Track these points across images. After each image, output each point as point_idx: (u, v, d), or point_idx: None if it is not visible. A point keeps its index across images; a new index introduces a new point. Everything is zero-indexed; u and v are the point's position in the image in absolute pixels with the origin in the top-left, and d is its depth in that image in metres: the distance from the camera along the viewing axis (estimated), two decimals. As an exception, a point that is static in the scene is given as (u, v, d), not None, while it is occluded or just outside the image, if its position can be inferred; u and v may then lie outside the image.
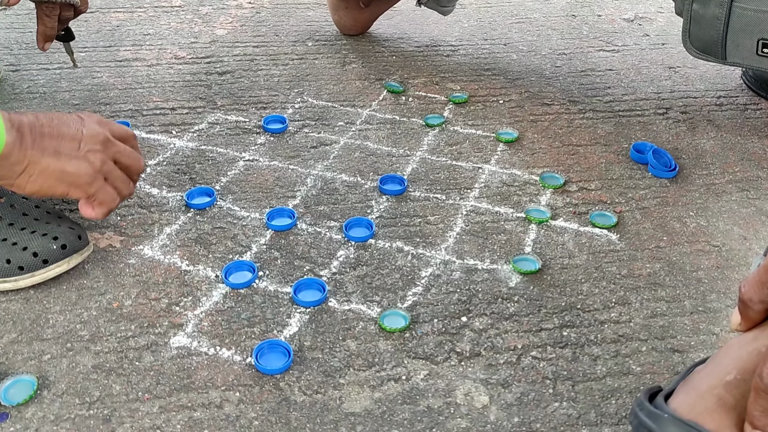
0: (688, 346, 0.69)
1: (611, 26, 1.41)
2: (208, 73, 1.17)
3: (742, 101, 1.14)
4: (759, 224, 0.86)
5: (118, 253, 0.78)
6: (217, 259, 0.78)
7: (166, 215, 0.84)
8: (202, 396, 0.62)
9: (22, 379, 0.62)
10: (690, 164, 0.97)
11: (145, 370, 0.65)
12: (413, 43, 1.32)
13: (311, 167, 0.94)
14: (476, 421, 0.61)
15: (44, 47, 0.98)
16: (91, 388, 0.63)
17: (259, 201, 0.87)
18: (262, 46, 1.27)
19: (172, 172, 0.92)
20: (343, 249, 0.80)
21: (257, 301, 0.73)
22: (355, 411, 0.62)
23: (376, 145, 0.99)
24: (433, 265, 0.78)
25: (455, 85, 1.16)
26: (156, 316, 0.70)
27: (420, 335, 0.69)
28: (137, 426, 0.59)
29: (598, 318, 0.72)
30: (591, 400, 0.63)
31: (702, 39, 0.97)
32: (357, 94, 1.12)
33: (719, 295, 0.75)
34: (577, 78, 1.20)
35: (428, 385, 0.64)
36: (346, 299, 0.73)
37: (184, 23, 1.36)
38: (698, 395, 0.46)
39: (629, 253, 0.80)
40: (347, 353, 0.67)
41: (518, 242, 0.81)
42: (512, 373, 0.65)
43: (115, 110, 1.05)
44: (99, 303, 0.72)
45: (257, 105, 1.08)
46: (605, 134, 1.03)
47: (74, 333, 0.68)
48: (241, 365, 0.65)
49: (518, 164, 0.96)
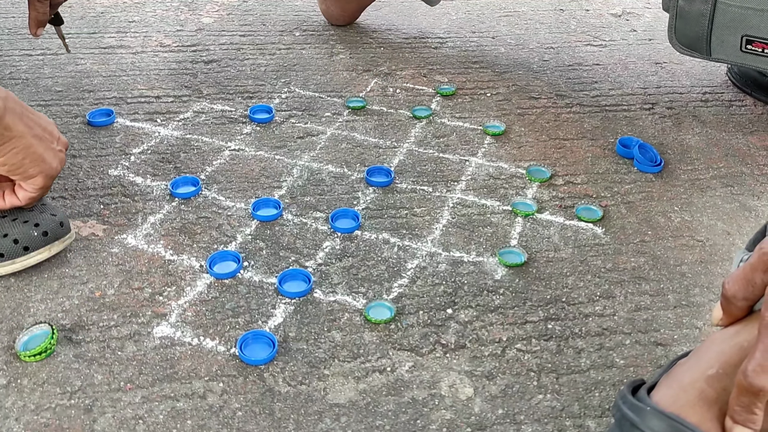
0: (671, 339, 0.69)
1: (599, 21, 1.42)
2: (194, 62, 1.16)
3: (727, 98, 1.14)
4: (742, 219, 0.86)
5: (101, 242, 0.77)
6: (202, 248, 0.77)
7: (150, 204, 0.83)
8: (186, 386, 0.62)
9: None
10: (675, 159, 0.98)
11: (127, 359, 0.64)
12: (401, 34, 1.31)
13: (297, 158, 0.93)
14: (461, 412, 0.61)
15: (37, 33, 0.97)
16: (72, 378, 0.62)
17: (244, 191, 0.87)
18: (248, 35, 1.26)
19: (156, 161, 0.91)
20: (329, 240, 0.80)
21: (242, 291, 0.72)
22: (340, 402, 0.61)
23: (363, 137, 0.99)
24: (419, 257, 0.78)
25: (443, 77, 1.16)
26: (139, 306, 0.70)
27: (405, 327, 0.69)
28: (119, 416, 0.59)
29: (582, 311, 0.72)
30: (575, 393, 0.63)
31: (687, 35, 0.98)
32: (344, 84, 1.12)
33: (702, 289, 0.75)
34: (565, 72, 1.20)
35: (413, 376, 0.64)
36: (332, 290, 0.73)
37: (170, 11, 1.34)
38: (681, 388, 0.47)
39: (614, 246, 0.81)
40: (332, 344, 0.67)
41: (504, 235, 0.82)
42: (497, 365, 0.66)
43: (99, 98, 1.04)
44: (81, 292, 0.71)
45: (243, 94, 1.07)
46: (592, 128, 1.04)
47: (56, 322, 0.67)
48: (225, 356, 0.65)
49: (505, 157, 0.96)
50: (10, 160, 0.66)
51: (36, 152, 0.67)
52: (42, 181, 0.69)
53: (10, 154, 0.66)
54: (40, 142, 0.68)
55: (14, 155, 0.66)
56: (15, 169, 0.67)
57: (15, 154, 0.66)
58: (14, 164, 0.67)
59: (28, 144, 0.66)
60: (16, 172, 0.68)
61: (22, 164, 0.67)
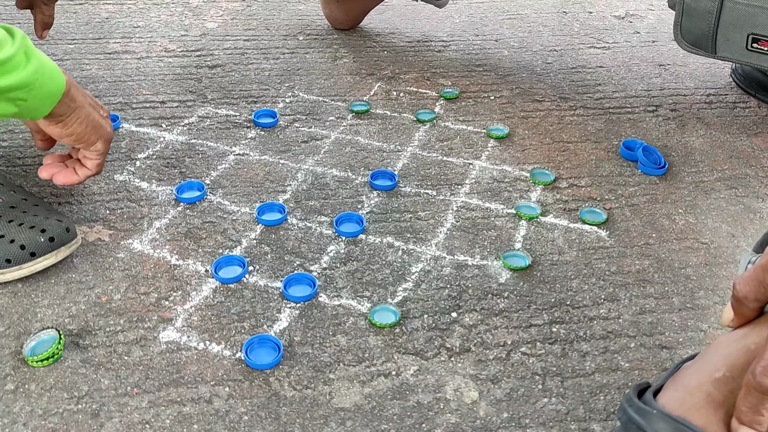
0: (676, 342, 0.69)
1: (602, 23, 1.42)
2: (199, 67, 1.16)
3: (731, 99, 1.14)
4: (747, 222, 0.86)
5: (107, 247, 0.77)
6: (207, 253, 0.77)
7: (156, 209, 0.84)
8: (192, 391, 0.62)
9: None
10: (679, 162, 0.97)
11: (134, 364, 0.64)
12: (404, 38, 1.31)
13: (302, 162, 0.94)
14: (465, 416, 0.61)
15: (43, 35, 1.00)
16: (79, 383, 0.62)
17: (249, 195, 0.87)
18: (252, 40, 1.27)
19: (161, 166, 0.91)
20: (333, 244, 0.80)
21: (247, 295, 0.72)
22: (345, 406, 0.62)
23: (367, 140, 0.99)
24: (423, 261, 0.78)
25: (446, 80, 1.16)
26: (145, 311, 0.70)
27: (410, 331, 0.69)
28: (126, 421, 0.59)
29: (587, 314, 0.72)
30: (580, 396, 0.63)
31: (693, 32, 0.98)
32: (348, 88, 1.12)
33: (707, 291, 0.75)
34: (568, 75, 1.20)
35: (418, 380, 0.64)
36: (337, 294, 0.73)
37: (175, 16, 1.35)
38: (687, 391, 0.47)
39: (618, 249, 0.81)
40: (337, 348, 0.67)
41: (508, 238, 0.82)
42: (502, 369, 0.66)
43: (105, 103, 1.04)
44: (88, 297, 0.71)
45: (248, 99, 1.08)
46: (595, 131, 1.04)
47: (63, 327, 0.67)
48: (230, 360, 0.65)
49: (509, 160, 0.96)
50: (76, 130, 0.72)
51: (95, 120, 0.73)
52: (102, 145, 0.75)
53: (76, 124, 0.72)
54: (94, 111, 0.74)
55: (79, 125, 0.72)
56: (81, 137, 0.73)
57: (80, 123, 0.72)
58: (80, 133, 0.72)
59: (87, 113, 0.72)
60: (81, 140, 0.73)
61: (86, 132, 0.73)
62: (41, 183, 0.86)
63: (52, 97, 0.67)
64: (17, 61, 0.63)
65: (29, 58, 0.64)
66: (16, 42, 0.63)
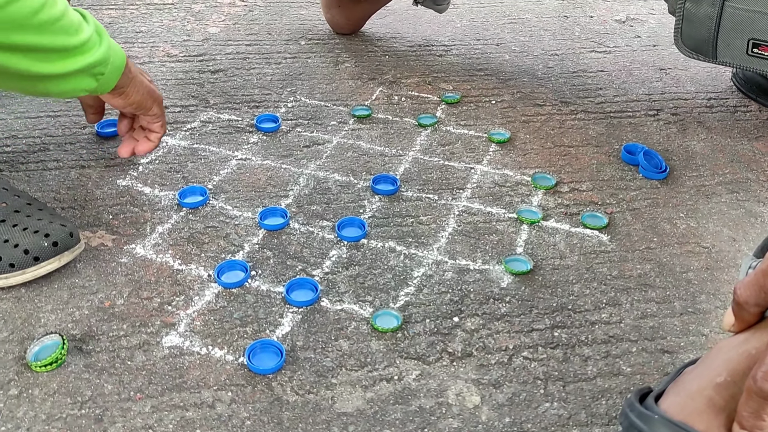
0: (677, 347, 0.69)
1: (603, 27, 1.42)
2: (201, 72, 1.16)
3: (732, 103, 1.15)
4: (748, 226, 0.87)
5: (110, 252, 0.78)
6: (210, 258, 0.78)
7: (159, 214, 0.84)
8: (195, 395, 0.62)
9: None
10: (680, 166, 0.98)
11: (137, 369, 0.64)
12: (406, 42, 1.32)
13: (304, 166, 0.94)
14: (468, 421, 0.61)
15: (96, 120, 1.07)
16: (82, 388, 0.62)
17: (251, 200, 0.87)
18: (254, 45, 1.27)
19: (164, 171, 0.92)
20: (335, 249, 0.80)
21: (250, 300, 0.73)
22: (347, 411, 0.62)
23: (368, 145, 0.99)
24: (425, 266, 0.78)
25: (448, 85, 1.16)
26: (148, 316, 0.70)
27: (412, 335, 0.69)
28: (129, 425, 0.59)
29: (588, 319, 0.72)
30: (581, 401, 0.63)
31: (694, 38, 0.98)
32: (350, 93, 1.12)
33: (709, 296, 0.76)
34: (569, 79, 1.20)
35: (420, 385, 0.64)
36: (339, 299, 0.73)
37: (177, 21, 1.35)
38: (688, 396, 0.47)
39: (620, 254, 0.81)
40: (339, 353, 0.67)
41: (510, 243, 0.82)
42: (504, 374, 0.66)
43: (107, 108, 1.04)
44: (91, 302, 0.71)
45: (250, 104, 1.08)
46: (596, 135, 1.04)
47: (66, 332, 0.68)
48: (233, 365, 0.65)
49: (510, 165, 0.96)
50: (136, 98, 0.80)
51: (148, 86, 0.81)
52: (158, 108, 0.83)
53: (134, 93, 0.79)
54: (144, 78, 0.82)
55: (137, 93, 0.79)
56: (140, 104, 0.81)
57: (137, 92, 0.79)
58: (139, 101, 0.80)
59: (141, 81, 0.80)
60: (141, 107, 0.81)
61: (144, 99, 0.80)
62: (44, 188, 0.87)
63: (119, 70, 0.75)
64: (94, 40, 0.71)
65: (101, 36, 0.73)
66: (90, 23, 0.72)
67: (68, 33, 0.68)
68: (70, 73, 0.70)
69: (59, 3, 0.67)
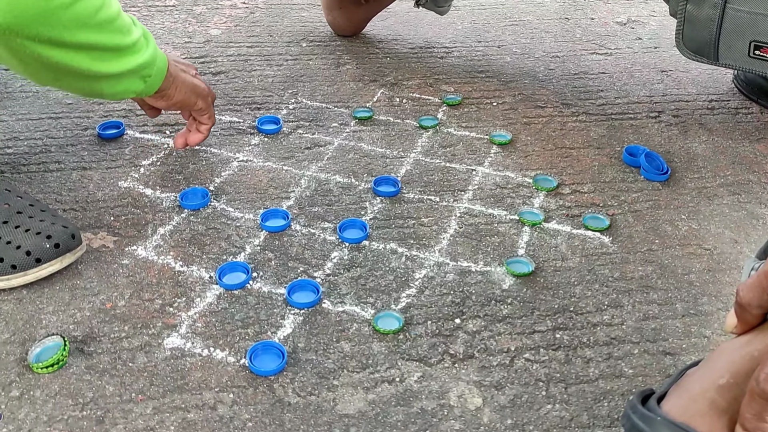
0: (679, 348, 0.69)
1: (604, 29, 1.42)
2: (202, 73, 1.16)
3: (733, 105, 1.15)
4: (750, 228, 0.86)
5: (111, 254, 0.78)
6: (211, 259, 0.78)
7: (160, 216, 0.84)
8: (196, 397, 0.62)
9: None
10: (682, 168, 0.98)
11: (138, 371, 0.64)
12: (407, 44, 1.32)
13: (305, 168, 0.94)
14: (469, 423, 0.61)
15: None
16: (84, 389, 0.62)
17: (253, 202, 0.87)
18: (256, 47, 1.27)
19: (165, 173, 0.92)
20: (337, 250, 0.80)
21: (251, 302, 0.73)
22: (349, 413, 0.62)
23: (370, 147, 0.99)
24: (426, 267, 0.78)
25: (449, 87, 1.17)
26: (149, 317, 0.70)
27: (414, 337, 0.69)
28: (130, 427, 0.59)
29: (590, 320, 0.72)
30: (583, 403, 0.63)
31: (695, 40, 0.98)
32: (351, 95, 1.12)
33: (710, 298, 0.75)
34: (570, 81, 1.20)
35: (422, 386, 0.64)
36: (340, 301, 0.73)
37: (178, 23, 1.35)
38: (691, 398, 0.47)
39: (621, 255, 0.81)
40: (341, 355, 0.67)
41: (511, 244, 0.82)
42: (505, 375, 0.66)
43: (109, 110, 1.05)
44: (92, 303, 0.71)
45: (251, 105, 1.08)
46: (598, 137, 1.04)
47: (67, 333, 0.68)
48: (234, 366, 0.65)
49: (511, 166, 0.96)
50: (178, 98, 0.83)
51: (190, 84, 0.84)
52: (202, 102, 0.86)
53: (177, 93, 0.82)
54: (186, 75, 0.84)
55: (179, 93, 0.83)
56: (184, 103, 0.84)
57: (179, 92, 0.83)
58: (182, 100, 0.84)
59: (183, 80, 0.83)
60: (185, 105, 0.85)
61: (187, 98, 0.84)
62: (45, 190, 0.87)
63: (162, 73, 0.78)
64: (142, 43, 0.74)
65: (148, 39, 0.75)
66: (138, 26, 0.74)
67: (123, 33, 0.71)
68: (123, 73, 0.72)
69: (114, 3, 0.70)
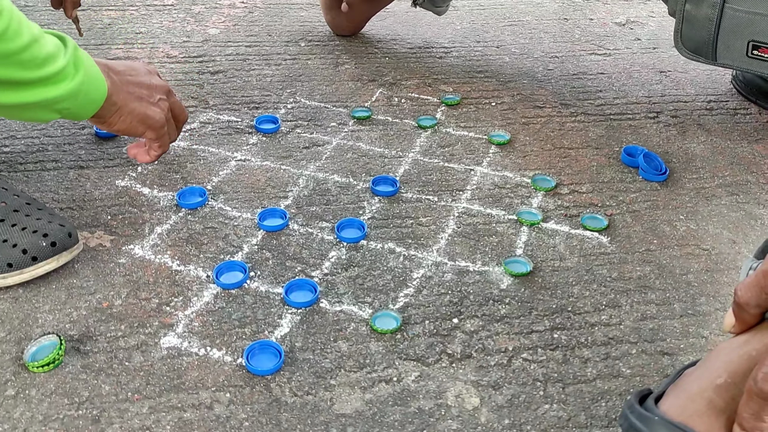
0: (677, 348, 0.69)
1: (603, 30, 1.42)
2: (201, 73, 1.16)
3: (732, 106, 1.15)
4: (748, 228, 0.86)
5: (108, 253, 0.78)
6: (209, 259, 0.77)
7: (157, 215, 0.84)
8: (193, 397, 0.62)
9: None
10: (680, 168, 0.98)
11: (134, 370, 0.64)
12: (406, 44, 1.32)
13: (303, 168, 0.94)
14: (467, 422, 0.61)
15: (72, 14, 1.05)
16: (80, 388, 0.62)
17: (250, 201, 0.87)
18: (254, 46, 1.27)
19: (163, 172, 0.91)
20: (335, 250, 0.80)
21: (248, 301, 0.72)
22: (346, 412, 0.61)
23: (368, 146, 0.99)
24: (424, 267, 0.78)
25: (448, 86, 1.16)
26: (146, 316, 0.70)
27: (411, 337, 0.69)
28: (126, 426, 0.59)
29: (588, 320, 0.72)
30: (581, 403, 0.63)
31: (693, 39, 0.98)
32: (350, 94, 1.12)
33: (708, 298, 0.75)
34: (569, 81, 1.20)
35: (419, 386, 0.64)
36: (338, 300, 0.73)
37: (177, 22, 1.35)
38: (688, 398, 0.47)
39: (620, 256, 0.81)
40: (338, 354, 0.67)
41: (510, 244, 0.82)
42: (503, 375, 0.65)
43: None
44: (89, 302, 0.71)
45: (249, 105, 1.08)
46: (596, 137, 1.04)
47: (63, 332, 0.67)
48: (231, 366, 0.65)
49: (510, 166, 0.96)
50: (120, 127, 0.78)
51: (139, 114, 0.78)
52: (152, 134, 0.80)
53: (119, 122, 0.77)
54: (141, 103, 0.78)
55: (122, 122, 0.77)
56: (127, 131, 0.79)
57: (123, 121, 0.77)
58: (125, 128, 0.78)
59: (130, 110, 0.77)
60: (128, 133, 0.80)
61: (131, 127, 0.78)
62: (42, 188, 0.87)
63: (94, 104, 0.72)
64: (66, 72, 0.68)
65: (77, 69, 0.69)
66: (68, 52, 0.68)
67: (26, 67, 0.64)
68: (24, 105, 0.66)
69: (24, 35, 0.63)
